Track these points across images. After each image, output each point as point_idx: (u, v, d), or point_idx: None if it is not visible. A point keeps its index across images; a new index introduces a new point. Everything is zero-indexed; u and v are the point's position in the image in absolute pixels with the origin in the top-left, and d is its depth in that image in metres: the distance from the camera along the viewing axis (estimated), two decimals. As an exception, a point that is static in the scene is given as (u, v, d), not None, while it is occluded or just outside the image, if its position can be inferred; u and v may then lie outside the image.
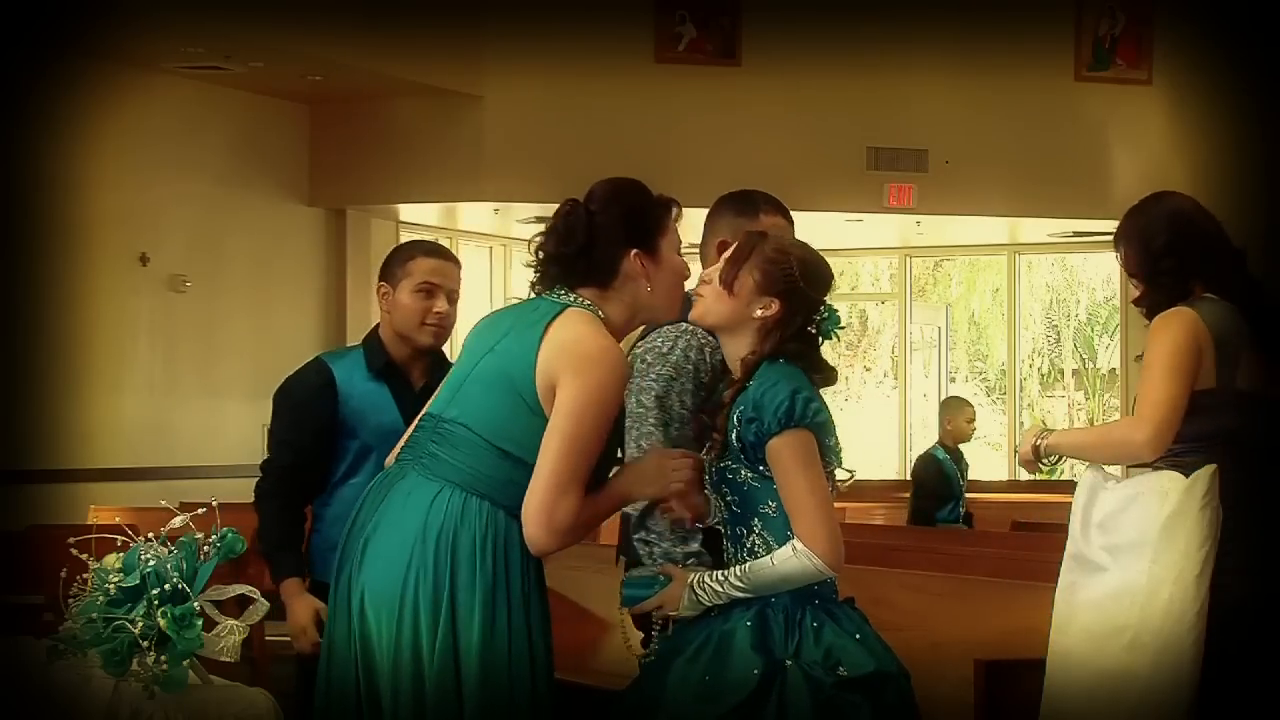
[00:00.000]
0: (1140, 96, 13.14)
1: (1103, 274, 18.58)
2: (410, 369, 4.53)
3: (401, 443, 3.77)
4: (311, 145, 12.29)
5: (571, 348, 3.56)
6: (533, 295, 3.74)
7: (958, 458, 10.47)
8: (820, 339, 3.74)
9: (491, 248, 14.35)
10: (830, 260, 3.84)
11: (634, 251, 3.67)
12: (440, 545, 3.53)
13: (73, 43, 9.95)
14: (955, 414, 10.60)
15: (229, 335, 11.70)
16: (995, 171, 12.85)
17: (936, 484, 10.33)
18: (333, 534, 3.99)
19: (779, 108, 12.34)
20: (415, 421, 3.77)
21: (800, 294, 3.70)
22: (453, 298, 4.51)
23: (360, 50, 10.90)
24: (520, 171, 11.90)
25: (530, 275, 3.76)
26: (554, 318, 3.61)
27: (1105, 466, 3.98)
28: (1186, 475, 3.82)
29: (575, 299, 3.67)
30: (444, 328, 4.53)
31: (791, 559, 3.56)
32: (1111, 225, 4.21)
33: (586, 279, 3.68)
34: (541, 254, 3.71)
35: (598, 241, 3.67)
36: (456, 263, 4.58)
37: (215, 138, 11.60)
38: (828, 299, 3.73)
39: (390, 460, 3.78)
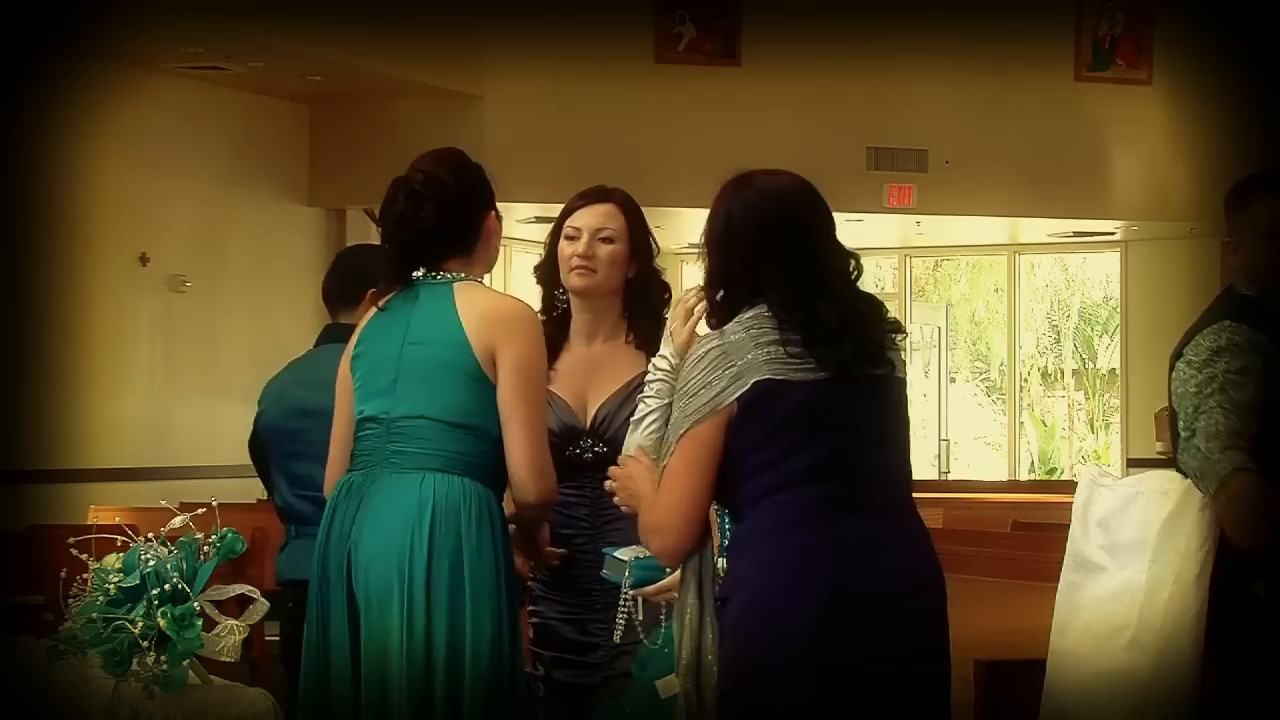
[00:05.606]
0: (1140, 96, 13.14)
1: (1102, 274, 18.56)
2: None
3: (338, 452, 3.82)
4: (311, 145, 12.28)
5: (493, 315, 3.72)
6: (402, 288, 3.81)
7: None
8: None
9: (491, 247, 14.34)
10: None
11: (491, 212, 3.88)
12: (439, 526, 3.58)
13: (73, 43, 9.93)
14: None
15: (229, 335, 11.69)
16: (995, 171, 12.84)
17: None
18: None
19: (779, 108, 12.32)
20: (340, 430, 3.81)
21: None
22: None
23: (360, 50, 10.88)
24: (520, 171, 11.87)
25: (393, 252, 3.81)
26: (451, 299, 3.73)
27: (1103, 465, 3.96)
28: None
29: (453, 276, 3.79)
30: None
31: None
32: (1112, 225, 4.17)
33: (457, 247, 3.81)
34: (412, 231, 3.78)
35: (466, 207, 3.84)
36: None
37: (215, 137, 11.58)
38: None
39: (334, 473, 3.82)
